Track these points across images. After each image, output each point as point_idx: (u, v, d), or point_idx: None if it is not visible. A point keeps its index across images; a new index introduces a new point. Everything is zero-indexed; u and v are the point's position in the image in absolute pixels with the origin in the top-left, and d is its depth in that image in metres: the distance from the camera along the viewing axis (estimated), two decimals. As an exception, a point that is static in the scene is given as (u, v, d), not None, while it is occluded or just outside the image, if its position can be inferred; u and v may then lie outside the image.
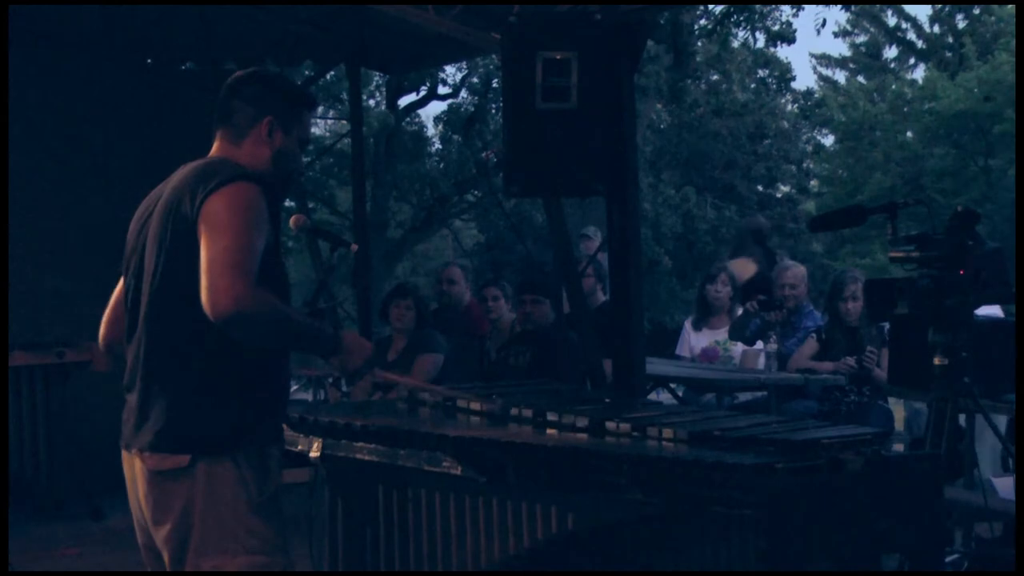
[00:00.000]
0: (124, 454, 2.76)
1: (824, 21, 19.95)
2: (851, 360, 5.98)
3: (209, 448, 2.62)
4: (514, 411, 3.17)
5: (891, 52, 26.16)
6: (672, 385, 6.71)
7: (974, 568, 4.00)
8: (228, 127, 2.83)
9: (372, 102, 18.84)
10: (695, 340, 6.97)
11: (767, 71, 22.63)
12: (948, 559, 3.89)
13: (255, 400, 2.69)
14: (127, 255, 2.82)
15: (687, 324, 7.17)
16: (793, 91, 23.96)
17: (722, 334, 6.83)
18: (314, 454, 3.29)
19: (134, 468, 2.72)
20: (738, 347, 6.73)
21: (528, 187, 4.75)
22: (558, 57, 4.36)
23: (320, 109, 17.18)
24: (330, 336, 2.75)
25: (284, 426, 3.15)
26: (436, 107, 19.93)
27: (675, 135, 20.63)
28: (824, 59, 27.37)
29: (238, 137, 2.81)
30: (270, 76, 3.07)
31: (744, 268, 6.99)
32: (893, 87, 22.56)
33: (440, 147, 19.51)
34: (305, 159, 3.09)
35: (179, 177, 2.75)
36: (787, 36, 17.92)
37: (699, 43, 17.40)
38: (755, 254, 7.01)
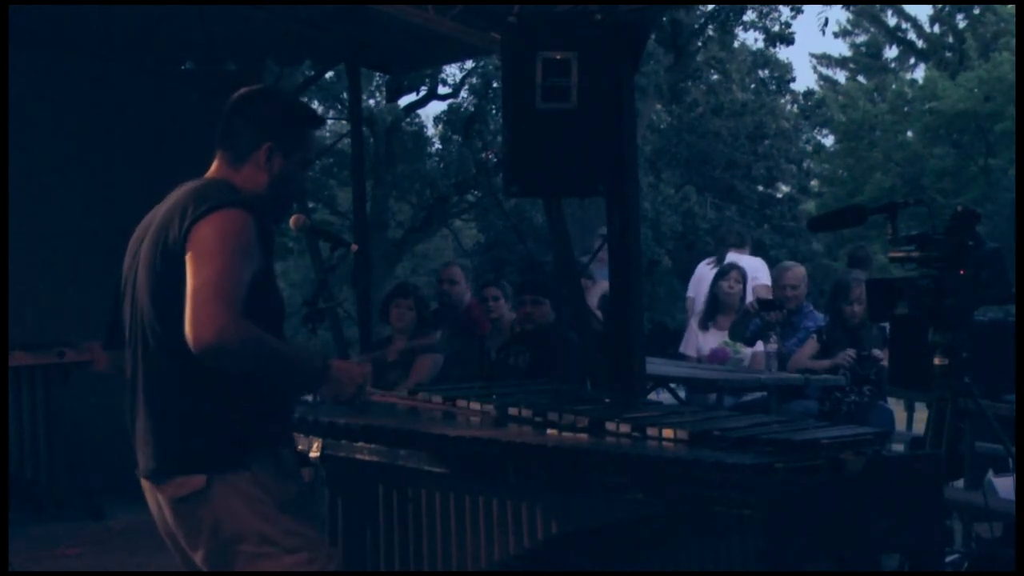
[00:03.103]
0: (144, 483, 2.73)
1: (827, 20, 19.90)
2: (851, 352, 5.97)
3: (221, 463, 2.60)
4: (514, 411, 3.16)
5: (891, 52, 26.20)
6: (672, 385, 6.70)
7: (974, 568, 4.00)
8: (228, 149, 2.78)
9: (372, 102, 18.82)
10: (703, 340, 6.92)
11: (767, 71, 22.61)
12: (948, 559, 3.88)
13: (258, 407, 2.66)
14: (124, 274, 2.79)
15: (693, 322, 7.14)
16: (793, 91, 23.96)
17: (730, 335, 6.81)
18: (314, 454, 3.29)
19: (157, 498, 2.71)
20: (748, 349, 6.70)
21: (528, 187, 4.74)
22: (558, 57, 4.35)
23: (320, 109, 17.17)
24: (318, 368, 2.71)
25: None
26: (436, 107, 19.87)
27: (675, 135, 20.63)
28: (824, 59, 27.41)
29: (237, 161, 2.76)
30: (273, 95, 3.01)
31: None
32: (893, 87, 22.57)
33: (440, 147, 19.51)
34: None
35: (173, 199, 2.71)
36: (786, 38, 17.92)
37: (699, 42, 17.38)
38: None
